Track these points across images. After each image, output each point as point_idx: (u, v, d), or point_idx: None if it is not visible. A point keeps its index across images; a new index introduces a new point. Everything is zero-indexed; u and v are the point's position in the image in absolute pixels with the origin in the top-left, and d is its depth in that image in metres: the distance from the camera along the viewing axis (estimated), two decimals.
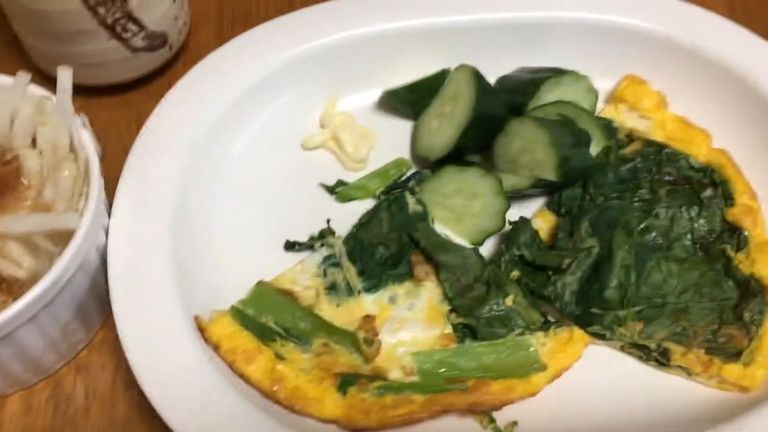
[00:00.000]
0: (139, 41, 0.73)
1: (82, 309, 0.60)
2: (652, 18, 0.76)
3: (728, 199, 0.69)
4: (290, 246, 0.69)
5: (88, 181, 0.60)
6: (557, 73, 0.74)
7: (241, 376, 0.59)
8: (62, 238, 0.58)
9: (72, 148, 0.61)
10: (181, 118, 0.68)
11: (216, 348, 0.59)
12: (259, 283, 0.64)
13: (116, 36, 0.71)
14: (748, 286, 0.64)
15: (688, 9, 0.77)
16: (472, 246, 0.69)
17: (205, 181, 0.68)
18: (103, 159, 0.61)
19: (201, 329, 0.60)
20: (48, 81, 0.64)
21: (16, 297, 0.53)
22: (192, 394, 0.55)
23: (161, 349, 0.57)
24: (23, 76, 0.62)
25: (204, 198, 0.67)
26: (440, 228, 0.70)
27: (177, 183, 0.64)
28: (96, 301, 0.62)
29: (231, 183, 0.70)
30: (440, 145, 0.71)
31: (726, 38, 0.75)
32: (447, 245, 0.67)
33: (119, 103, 0.78)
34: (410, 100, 0.75)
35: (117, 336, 0.63)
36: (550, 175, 0.67)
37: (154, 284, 0.60)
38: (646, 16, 0.76)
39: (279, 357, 0.61)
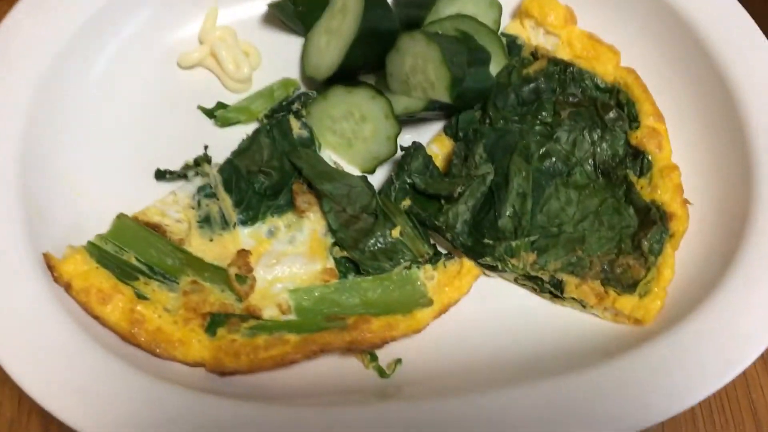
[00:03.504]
0: None
1: None
2: None
3: (633, 121, 0.65)
4: (161, 175, 0.62)
5: None
6: None
7: (96, 318, 0.54)
8: None
9: None
10: (29, 33, 0.60)
11: (67, 288, 0.54)
12: (120, 216, 0.58)
13: None
14: (648, 213, 0.61)
15: None
16: (363, 173, 0.64)
17: (58, 105, 0.61)
18: None
19: (50, 267, 0.54)
20: None
21: None
22: (36, 342, 0.50)
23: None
24: None
25: (59, 122, 0.60)
26: (330, 155, 0.65)
27: (24, 108, 0.57)
28: None
29: (91, 106, 0.63)
30: (328, 64, 0.65)
31: None
32: (332, 173, 0.62)
33: None
34: (298, 14, 0.68)
35: None
36: (442, 96, 0.61)
37: None
38: None
39: (140, 296, 0.55)
